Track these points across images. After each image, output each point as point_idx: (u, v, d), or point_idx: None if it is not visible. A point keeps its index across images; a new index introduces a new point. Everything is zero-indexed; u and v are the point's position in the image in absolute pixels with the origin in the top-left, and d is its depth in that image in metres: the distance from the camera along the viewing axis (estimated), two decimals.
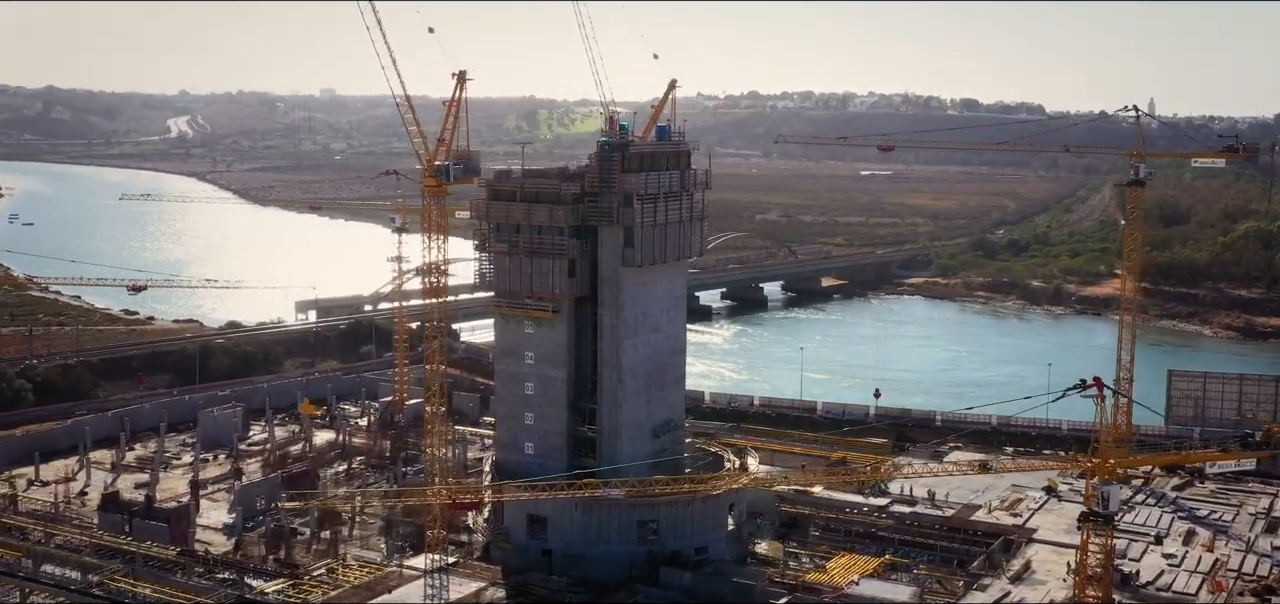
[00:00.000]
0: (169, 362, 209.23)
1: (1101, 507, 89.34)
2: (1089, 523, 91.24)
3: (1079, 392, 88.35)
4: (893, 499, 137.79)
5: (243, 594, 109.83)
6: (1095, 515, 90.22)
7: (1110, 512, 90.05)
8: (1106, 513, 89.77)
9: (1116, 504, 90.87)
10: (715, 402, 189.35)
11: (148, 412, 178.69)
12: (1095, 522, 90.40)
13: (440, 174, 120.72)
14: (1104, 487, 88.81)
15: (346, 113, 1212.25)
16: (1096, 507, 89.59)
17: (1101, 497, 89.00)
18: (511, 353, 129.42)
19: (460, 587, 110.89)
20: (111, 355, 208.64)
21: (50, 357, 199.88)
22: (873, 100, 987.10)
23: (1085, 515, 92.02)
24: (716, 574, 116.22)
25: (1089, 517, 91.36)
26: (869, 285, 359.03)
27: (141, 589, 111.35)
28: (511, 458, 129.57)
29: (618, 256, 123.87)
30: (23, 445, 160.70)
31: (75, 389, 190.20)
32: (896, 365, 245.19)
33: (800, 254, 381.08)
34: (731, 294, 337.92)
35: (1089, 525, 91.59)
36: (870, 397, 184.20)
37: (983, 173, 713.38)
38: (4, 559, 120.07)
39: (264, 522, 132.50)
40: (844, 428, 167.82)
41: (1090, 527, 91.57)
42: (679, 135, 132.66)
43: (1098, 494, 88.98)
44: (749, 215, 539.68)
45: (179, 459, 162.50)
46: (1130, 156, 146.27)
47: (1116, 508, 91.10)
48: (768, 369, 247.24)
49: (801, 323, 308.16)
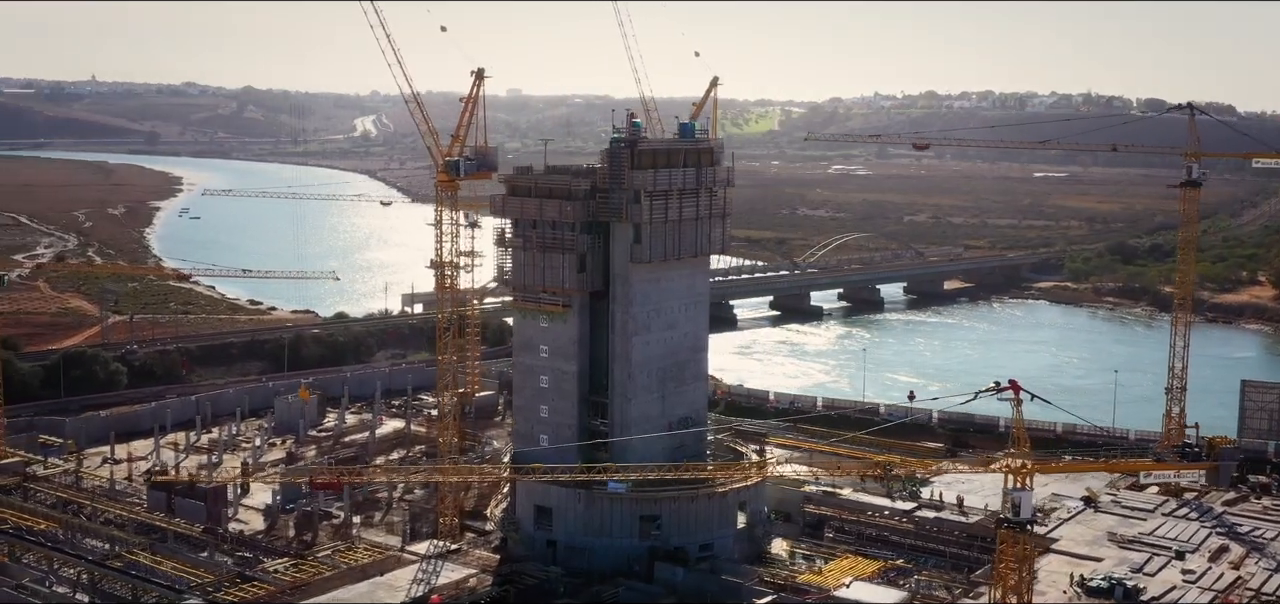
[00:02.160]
0: (264, 350, 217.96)
1: (1013, 513, 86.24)
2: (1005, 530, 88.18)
3: (994, 394, 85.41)
4: (920, 504, 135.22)
5: (244, 570, 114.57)
6: (1009, 522, 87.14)
7: (1023, 519, 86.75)
8: (1019, 520, 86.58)
9: (1029, 510, 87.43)
10: (778, 402, 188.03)
11: (230, 397, 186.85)
12: (1012, 529, 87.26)
13: (451, 169, 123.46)
14: (1016, 493, 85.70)
15: (528, 112, 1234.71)
16: (1008, 513, 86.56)
17: (1013, 503, 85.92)
18: (528, 346, 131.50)
19: (449, 573, 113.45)
20: (208, 343, 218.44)
21: (149, 343, 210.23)
22: (1052, 100, 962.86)
23: (1000, 522, 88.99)
24: (710, 572, 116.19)
25: (1004, 524, 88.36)
26: (996, 289, 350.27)
27: (157, 563, 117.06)
28: (527, 449, 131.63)
29: (628, 253, 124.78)
30: (107, 426, 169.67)
31: (170, 374, 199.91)
32: (995, 370, 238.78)
33: (929, 255, 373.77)
34: (847, 295, 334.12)
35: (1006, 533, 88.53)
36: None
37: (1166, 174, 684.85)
38: (48, 530, 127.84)
39: (297, 504, 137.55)
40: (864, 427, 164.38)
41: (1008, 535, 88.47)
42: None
43: (1010, 500, 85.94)
44: (898, 216, 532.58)
45: (249, 443, 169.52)
46: (1184, 157, 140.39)
47: (1030, 515, 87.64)
48: (856, 371, 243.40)
49: (911, 325, 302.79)
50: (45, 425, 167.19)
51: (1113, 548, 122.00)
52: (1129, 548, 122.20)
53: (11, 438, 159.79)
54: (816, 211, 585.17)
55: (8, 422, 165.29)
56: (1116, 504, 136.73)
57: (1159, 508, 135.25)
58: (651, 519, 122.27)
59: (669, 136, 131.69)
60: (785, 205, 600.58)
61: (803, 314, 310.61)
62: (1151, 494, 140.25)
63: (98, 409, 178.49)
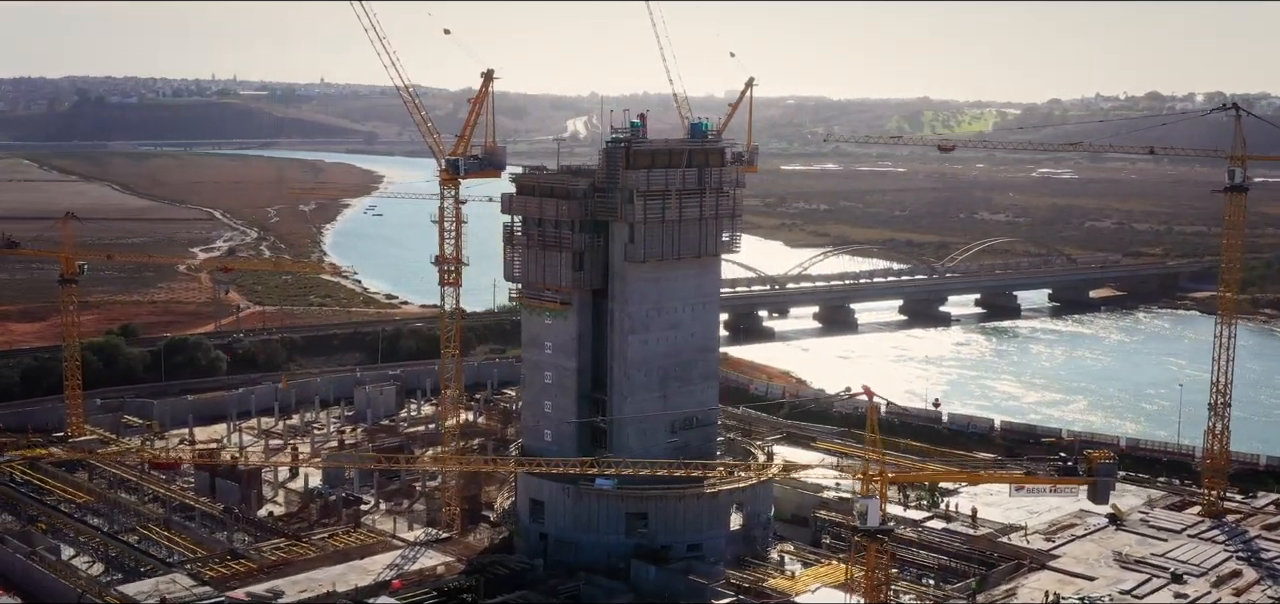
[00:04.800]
0: (364, 342, 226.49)
1: (861, 522, 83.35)
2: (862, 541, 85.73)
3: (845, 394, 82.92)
4: (932, 515, 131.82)
5: (235, 548, 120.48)
6: (858, 532, 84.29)
7: (870, 527, 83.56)
8: (866, 528, 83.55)
9: (876, 519, 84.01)
10: (841, 407, 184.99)
11: (317, 385, 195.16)
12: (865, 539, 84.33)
13: (451, 168, 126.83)
14: (864, 500, 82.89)
15: (744, 113, 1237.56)
16: (856, 522, 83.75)
17: (859, 511, 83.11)
18: (534, 342, 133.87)
19: (425, 560, 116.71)
20: (312, 333, 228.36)
21: (255, 333, 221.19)
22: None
23: (854, 532, 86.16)
24: (684, 572, 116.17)
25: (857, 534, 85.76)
26: (1148, 298, 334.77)
27: (170, 538, 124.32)
28: (534, 443, 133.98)
29: (624, 252, 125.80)
30: (193, 409, 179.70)
31: (270, 362, 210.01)
32: (1106, 384, 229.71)
33: (1080, 261, 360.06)
34: (984, 301, 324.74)
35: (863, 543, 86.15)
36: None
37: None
38: (91, 503, 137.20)
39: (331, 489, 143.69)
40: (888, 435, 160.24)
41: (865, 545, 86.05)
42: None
43: (857, 510, 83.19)
44: (1079, 222, 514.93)
45: (322, 429, 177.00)
46: (1229, 159, 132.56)
47: (876, 523, 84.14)
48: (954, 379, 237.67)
49: (1038, 335, 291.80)
50: (135, 407, 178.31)
51: (1113, 569, 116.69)
52: (1131, 569, 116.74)
53: (98, 417, 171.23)
54: (996, 216, 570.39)
55: (101, 402, 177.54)
56: (1146, 523, 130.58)
57: (1188, 529, 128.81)
58: (639, 517, 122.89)
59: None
60: (966, 208, 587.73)
61: (929, 320, 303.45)
62: (1187, 516, 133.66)
63: (195, 393, 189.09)
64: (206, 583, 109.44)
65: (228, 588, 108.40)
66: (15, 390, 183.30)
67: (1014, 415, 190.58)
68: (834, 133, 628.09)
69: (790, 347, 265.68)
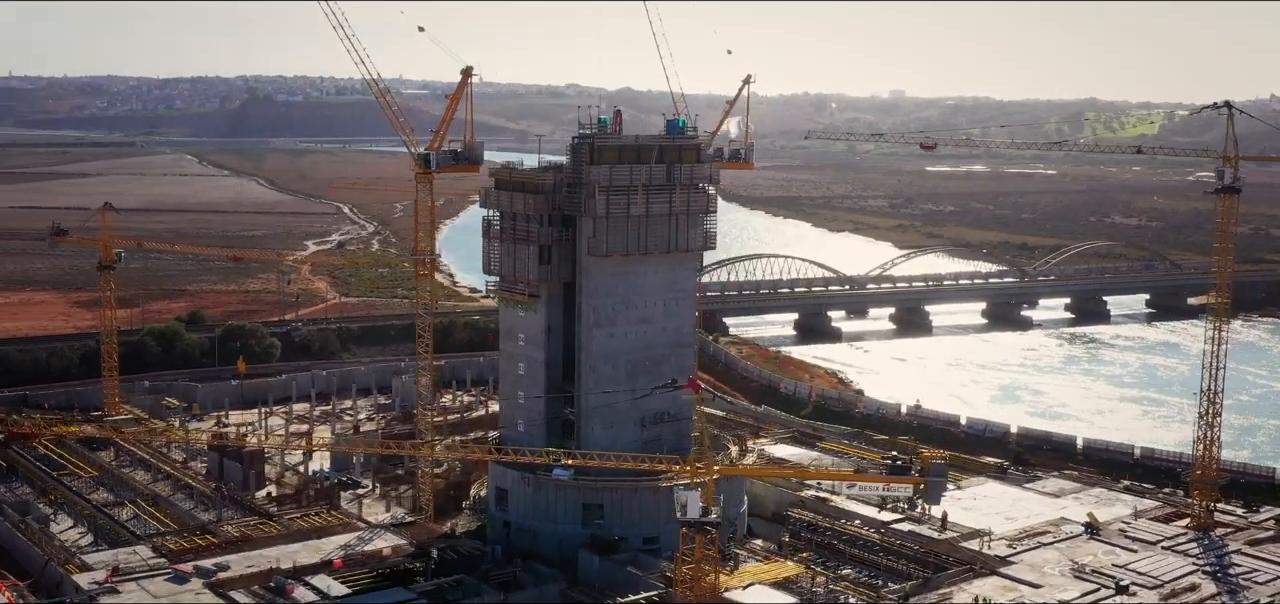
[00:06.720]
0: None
1: (681, 513, 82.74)
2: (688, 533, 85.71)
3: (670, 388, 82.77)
4: (903, 516, 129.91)
5: (205, 524, 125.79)
6: (690, 524, 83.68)
7: (695, 519, 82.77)
8: (689, 521, 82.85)
9: (696, 511, 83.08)
10: (865, 408, 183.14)
11: (361, 375, 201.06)
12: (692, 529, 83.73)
13: (422, 162, 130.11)
14: (684, 492, 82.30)
15: (899, 114, 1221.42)
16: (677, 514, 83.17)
17: (681, 503, 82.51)
18: (509, 334, 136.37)
19: (377, 543, 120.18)
20: (369, 324, 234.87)
21: (312, 321, 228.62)
22: None
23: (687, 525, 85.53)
24: (627, 564, 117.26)
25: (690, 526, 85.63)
26: (1251, 306, 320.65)
27: (154, 513, 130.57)
28: (509, 433, 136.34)
29: (588, 246, 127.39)
30: (234, 393, 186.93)
31: (324, 350, 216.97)
32: (1167, 391, 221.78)
33: (1184, 267, 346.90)
34: (1074, 306, 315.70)
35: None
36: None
37: None
38: (101, 477, 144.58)
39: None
40: (895, 435, 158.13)
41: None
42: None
43: (679, 501, 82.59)
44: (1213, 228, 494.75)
45: (352, 416, 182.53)
46: (1221, 159, 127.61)
47: (696, 515, 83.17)
48: (1007, 385, 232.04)
49: (1122, 341, 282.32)
50: (179, 390, 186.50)
51: (1063, 578, 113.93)
52: (1085, 579, 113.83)
53: (139, 399, 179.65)
54: (1130, 220, 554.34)
55: (149, 384, 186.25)
56: (1124, 534, 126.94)
57: (1164, 541, 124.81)
58: (596, 508, 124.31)
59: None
60: (1097, 212, 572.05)
61: (1012, 324, 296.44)
62: (1172, 528, 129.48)
63: (243, 379, 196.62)
64: (162, 555, 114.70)
65: (181, 562, 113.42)
66: (73, 371, 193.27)
67: (1056, 424, 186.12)
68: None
69: (852, 348, 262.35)
